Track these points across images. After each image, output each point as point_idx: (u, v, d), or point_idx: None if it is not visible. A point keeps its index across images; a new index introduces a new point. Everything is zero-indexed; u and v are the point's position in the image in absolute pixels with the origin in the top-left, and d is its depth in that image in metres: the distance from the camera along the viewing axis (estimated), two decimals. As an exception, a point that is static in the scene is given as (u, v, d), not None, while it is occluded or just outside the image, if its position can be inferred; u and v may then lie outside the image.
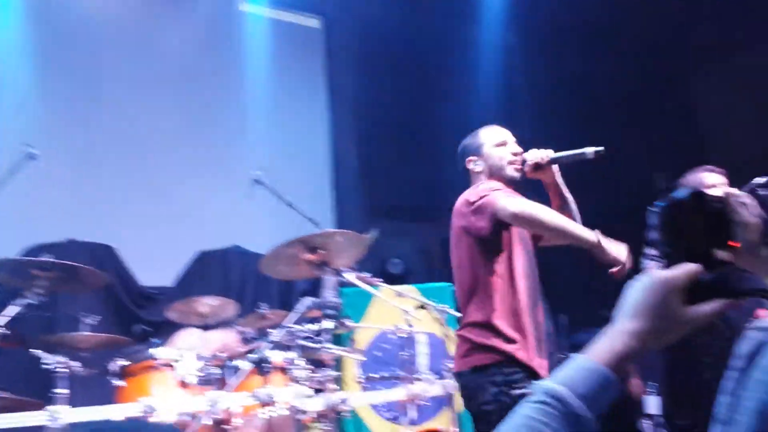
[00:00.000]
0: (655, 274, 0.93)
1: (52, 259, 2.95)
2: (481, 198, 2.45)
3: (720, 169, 2.76)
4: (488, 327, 2.42)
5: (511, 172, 2.59)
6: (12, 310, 2.76)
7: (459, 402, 3.26)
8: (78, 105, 5.54)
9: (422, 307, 3.50)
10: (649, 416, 5.20)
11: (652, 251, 0.99)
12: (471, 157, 2.67)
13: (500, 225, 2.45)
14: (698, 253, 0.97)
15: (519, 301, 2.45)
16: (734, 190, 1.13)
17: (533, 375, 2.39)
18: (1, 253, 3.77)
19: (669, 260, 0.97)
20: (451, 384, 3.19)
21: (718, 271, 0.94)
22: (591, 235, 2.36)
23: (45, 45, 5.45)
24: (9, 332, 2.69)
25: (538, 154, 2.59)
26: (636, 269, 1.01)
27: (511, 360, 2.38)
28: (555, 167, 2.63)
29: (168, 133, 5.81)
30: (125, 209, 5.31)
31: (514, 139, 2.69)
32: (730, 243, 1.02)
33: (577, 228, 2.43)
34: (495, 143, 2.64)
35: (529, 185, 2.66)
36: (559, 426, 0.83)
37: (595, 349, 0.91)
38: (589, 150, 2.52)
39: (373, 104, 6.93)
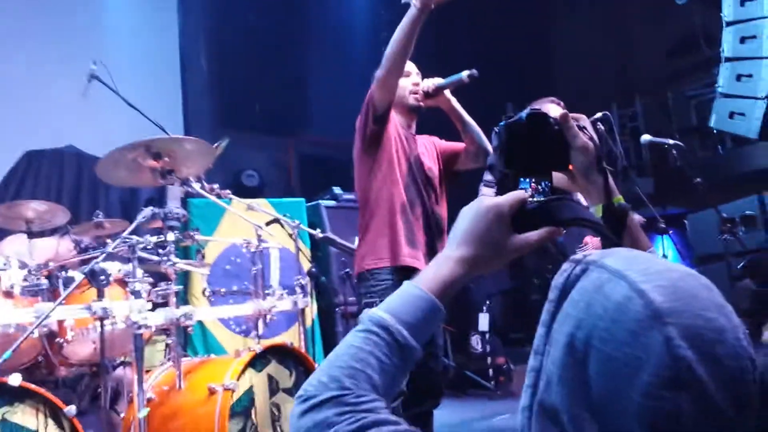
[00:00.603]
0: (482, 201, 0.93)
1: None
2: (364, 102, 2.57)
3: (562, 102, 2.89)
4: (366, 236, 2.56)
5: (412, 101, 2.74)
6: None
7: (308, 317, 3.29)
8: None
9: (275, 221, 3.42)
10: (481, 333, 5.58)
11: (489, 176, 0.98)
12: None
13: (380, 122, 2.54)
14: (534, 174, 0.97)
15: (396, 208, 2.52)
16: (574, 114, 1.11)
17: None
18: None
19: (504, 183, 0.97)
20: (301, 299, 3.19)
21: (543, 199, 0.94)
22: (413, 11, 2.39)
23: None
24: None
25: (426, 83, 2.73)
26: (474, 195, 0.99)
27: (390, 267, 2.45)
28: (448, 93, 2.76)
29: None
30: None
31: (417, 70, 2.78)
32: (567, 165, 1.04)
33: (401, 27, 2.43)
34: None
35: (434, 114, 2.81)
36: (385, 355, 0.82)
37: (422, 276, 0.90)
38: (464, 74, 2.63)
39: (228, 4, 6.51)
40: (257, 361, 2.64)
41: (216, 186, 3.26)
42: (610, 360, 0.63)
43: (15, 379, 2.15)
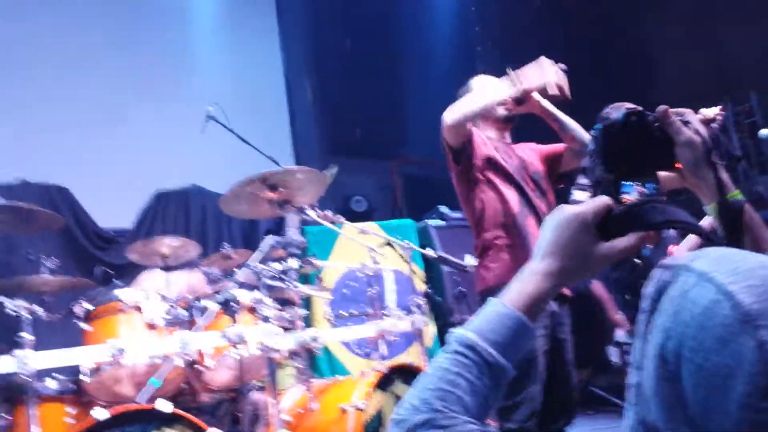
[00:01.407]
0: (565, 210, 0.88)
1: (4, 202, 2.84)
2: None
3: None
4: (484, 254, 2.56)
5: (502, 111, 2.72)
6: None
7: (428, 337, 3.35)
8: (24, 42, 5.27)
9: (387, 244, 3.51)
10: (619, 344, 5.38)
11: (584, 180, 0.94)
12: None
13: (463, 157, 2.58)
14: (637, 176, 0.93)
15: (508, 222, 2.53)
16: (676, 109, 1.03)
17: None
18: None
19: (604, 188, 0.92)
20: (419, 319, 3.25)
21: (629, 203, 0.89)
22: (506, 90, 2.44)
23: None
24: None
25: (514, 90, 2.67)
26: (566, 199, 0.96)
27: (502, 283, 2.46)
28: (537, 95, 2.67)
29: (118, 69, 5.59)
30: (76, 149, 5.14)
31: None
32: (672, 164, 0.98)
33: (488, 97, 2.51)
34: (483, 87, 2.70)
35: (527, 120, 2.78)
36: (474, 376, 0.80)
37: (509, 292, 0.87)
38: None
39: (326, 36, 6.75)
40: (383, 382, 2.71)
41: (329, 212, 3.39)
42: (701, 371, 0.59)
43: (166, 406, 2.33)
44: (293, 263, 2.97)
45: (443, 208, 5.56)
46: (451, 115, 2.50)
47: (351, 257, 3.92)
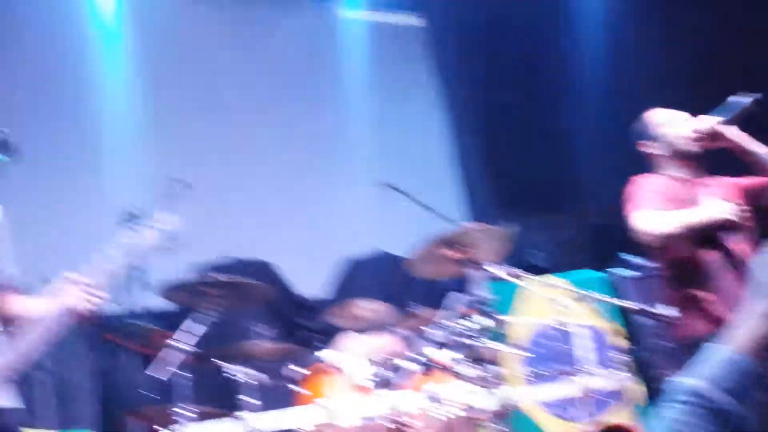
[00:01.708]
0: None
1: (229, 278, 3.15)
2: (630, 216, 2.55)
3: None
4: (677, 301, 2.50)
5: (693, 147, 2.61)
6: (197, 328, 2.96)
7: (637, 394, 3.18)
8: (210, 130, 5.85)
9: (578, 297, 3.42)
10: None
11: None
12: (645, 142, 2.66)
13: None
14: None
15: (696, 269, 2.43)
16: None
17: None
18: (165, 274, 4.00)
19: None
20: (622, 376, 3.12)
21: None
22: (710, 212, 2.40)
23: (155, 67, 5.66)
24: (199, 350, 2.89)
25: (704, 124, 2.57)
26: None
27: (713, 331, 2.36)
28: (725, 129, 2.56)
29: (295, 147, 6.02)
30: (270, 225, 5.61)
31: (686, 115, 2.68)
32: None
33: (698, 215, 2.44)
34: (667, 123, 2.64)
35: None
36: (707, 423, 0.79)
37: (735, 338, 0.85)
38: (747, 100, 2.47)
39: (488, 90, 6.85)
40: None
41: (511, 267, 3.38)
42: None
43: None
44: (484, 320, 3.00)
45: (629, 257, 5.31)
46: (646, 228, 2.45)
47: (534, 312, 3.86)
